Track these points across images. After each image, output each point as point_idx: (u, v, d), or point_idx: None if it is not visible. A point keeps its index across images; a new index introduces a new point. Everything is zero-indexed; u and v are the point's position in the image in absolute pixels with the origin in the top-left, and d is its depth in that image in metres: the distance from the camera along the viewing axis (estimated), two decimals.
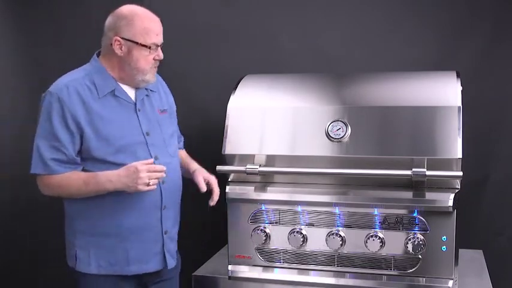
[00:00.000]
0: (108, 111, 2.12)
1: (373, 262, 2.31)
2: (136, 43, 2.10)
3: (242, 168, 2.41)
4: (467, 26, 3.08)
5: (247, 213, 2.42)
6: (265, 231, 2.40)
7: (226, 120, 2.51)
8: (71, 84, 2.10)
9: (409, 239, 2.23)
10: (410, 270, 2.27)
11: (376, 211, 2.28)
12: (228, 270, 2.48)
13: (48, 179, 2.13)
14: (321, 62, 3.22)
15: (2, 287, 3.57)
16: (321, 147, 2.38)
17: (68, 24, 3.55)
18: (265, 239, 2.40)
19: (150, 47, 2.13)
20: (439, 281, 2.24)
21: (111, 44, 2.12)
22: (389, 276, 2.30)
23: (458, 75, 2.47)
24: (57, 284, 3.65)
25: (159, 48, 2.18)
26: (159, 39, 2.17)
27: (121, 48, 2.11)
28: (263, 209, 2.41)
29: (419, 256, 2.25)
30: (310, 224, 2.36)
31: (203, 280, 2.40)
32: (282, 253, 2.41)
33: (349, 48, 3.23)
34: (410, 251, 2.23)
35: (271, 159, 2.44)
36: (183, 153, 2.53)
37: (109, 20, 2.17)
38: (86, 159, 2.12)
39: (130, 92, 2.20)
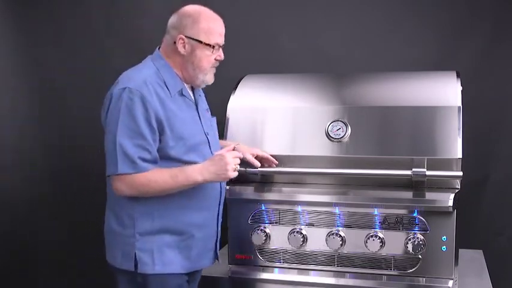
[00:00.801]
0: (179, 110, 2.10)
1: (373, 262, 2.31)
2: (200, 42, 2.09)
3: (242, 168, 2.41)
4: (467, 26, 3.08)
5: (247, 213, 2.42)
6: (265, 231, 2.40)
7: (226, 120, 2.51)
8: (148, 80, 2.05)
9: (409, 239, 2.23)
10: (410, 270, 2.27)
11: (376, 211, 2.28)
12: (228, 270, 2.48)
13: (134, 177, 2.01)
14: (321, 62, 3.23)
15: None
16: (321, 147, 2.38)
17: (68, 24, 3.55)
18: (265, 239, 2.40)
19: (213, 47, 2.12)
20: (439, 281, 2.24)
21: (175, 42, 2.10)
22: (389, 276, 2.30)
23: (458, 75, 2.47)
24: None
25: (221, 48, 2.17)
26: (222, 39, 2.16)
27: (184, 47, 2.10)
28: (263, 209, 2.41)
29: (419, 256, 2.25)
30: (310, 224, 2.36)
31: (203, 280, 2.40)
32: (282, 253, 2.41)
33: (349, 48, 3.24)
34: (410, 251, 2.23)
35: None
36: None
37: (173, 19, 2.15)
38: (160, 158, 2.07)
39: (190, 92, 2.21)
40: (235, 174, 2.07)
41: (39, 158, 3.60)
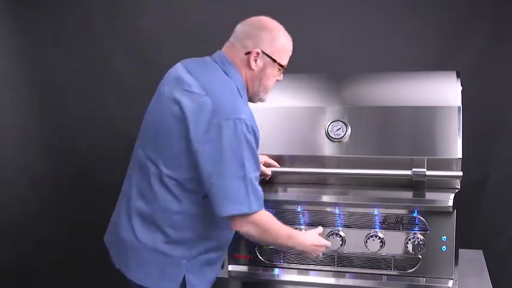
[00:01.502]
0: None
1: (373, 262, 2.31)
2: (275, 61, 2.00)
3: None
4: (467, 26, 3.08)
5: None
6: None
7: None
8: (252, 115, 1.94)
9: (409, 239, 2.23)
10: (410, 270, 2.27)
11: (376, 211, 2.28)
12: (228, 270, 2.48)
13: (265, 216, 1.95)
14: (321, 62, 3.23)
15: None
16: (321, 147, 2.38)
17: (68, 24, 3.55)
18: None
19: (283, 68, 2.06)
20: (439, 281, 2.24)
21: (247, 54, 1.98)
22: (389, 276, 2.30)
23: (458, 75, 2.47)
24: None
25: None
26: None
27: (256, 61, 1.98)
28: None
29: (419, 256, 2.25)
30: (311, 224, 2.36)
31: None
32: (282, 253, 2.41)
33: (349, 48, 3.24)
34: (410, 251, 2.23)
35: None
36: None
37: (248, 28, 2.03)
38: None
39: None
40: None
41: (39, 158, 3.61)
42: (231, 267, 2.47)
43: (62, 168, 3.61)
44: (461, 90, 2.37)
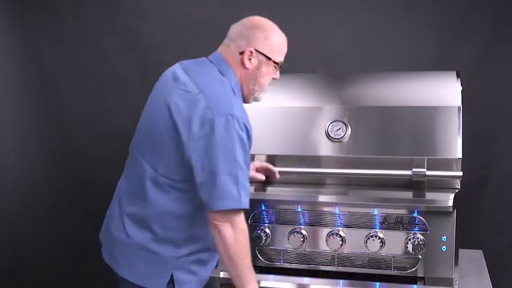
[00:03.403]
0: None
1: (373, 262, 2.31)
2: (269, 59, 2.03)
3: None
4: (467, 26, 3.08)
5: (247, 213, 2.42)
6: (265, 231, 2.40)
7: None
8: (245, 113, 1.95)
9: (409, 239, 2.23)
10: (410, 270, 2.27)
11: (376, 211, 2.28)
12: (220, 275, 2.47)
13: (245, 229, 1.94)
14: (322, 62, 3.23)
15: None
16: (321, 147, 2.38)
17: (68, 24, 3.55)
18: (265, 239, 2.40)
19: (279, 65, 2.08)
20: (439, 281, 2.24)
21: (241, 53, 2.01)
22: (389, 276, 2.30)
23: (458, 75, 2.47)
24: None
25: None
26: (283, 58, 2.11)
27: (250, 60, 2.01)
28: (263, 209, 2.41)
29: (419, 256, 2.25)
30: (310, 224, 2.36)
31: None
32: (282, 253, 2.41)
33: (350, 48, 3.24)
34: (410, 251, 2.23)
35: (271, 159, 2.44)
36: None
37: (241, 27, 2.06)
38: None
39: None
40: None
41: (38, 157, 3.61)
42: (222, 275, 2.47)
43: (61, 166, 3.61)
44: (461, 90, 2.37)
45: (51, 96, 3.60)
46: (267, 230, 2.40)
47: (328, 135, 2.38)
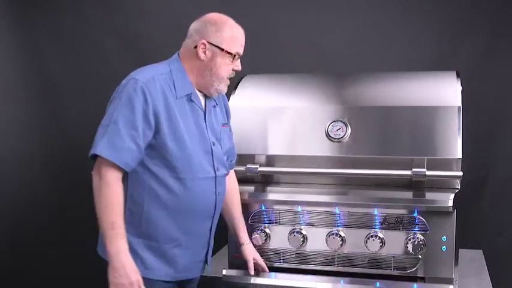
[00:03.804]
0: (183, 114, 2.08)
1: (373, 262, 2.31)
2: (222, 49, 2.10)
3: (242, 168, 2.41)
4: (467, 26, 3.09)
5: (247, 213, 2.42)
6: (265, 231, 2.40)
7: None
8: (157, 77, 2.04)
9: (409, 239, 2.23)
10: (410, 270, 2.27)
11: (376, 211, 2.28)
12: (228, 270, 2.48)
13: (114, 181, 1.96)
14: (322, 62, 3.23)
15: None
16: (321, 147, 2.38)
17: (68, 24, 3.55)
18: (265, 239, 2.40)
19: (234, 56, 2.13)
20: (439, 280, 2.24)
21: (195, 47, 2.11)
22: (389, 276, 2.30)
23: (458, 75, 2.48)
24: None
25: (239, 59, 2.18)
26: (242, 50, 2.18)
27: (205, 53, 2.10)
28: (263, 209, 2.41)
29: (419, 256, 2.25)
30: (310, 224, 2.36)
31: (203, 280, 2.40)
32: (282, 253, 2.41)
33: (349, 48, 3.24)
34: (410, 251, 2.23)
35: (271, 159, 2.44)
36: (238, 209, 2.38)
37: (196, 24, 2.16)
38: (153, 157, 2.03)
39: (202, 100, 2.19)
40: None
41: (38, 158, 3.61)
42: (230, 268, 2.47)
43: (61, 166, 3.61)
44: (461, 90, 2.37)
45: (51, 96, 3.60)
46: (267, 230, 2.40)
47: (328, 135, 2.38)
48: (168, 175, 2.03)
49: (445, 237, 2.21)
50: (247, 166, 2.41)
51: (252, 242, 2.39)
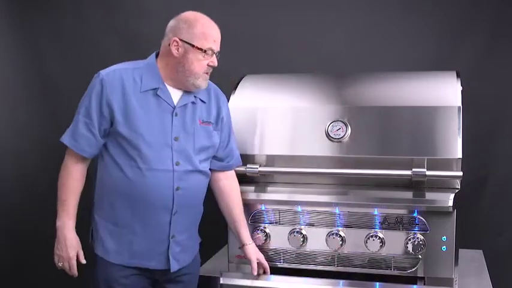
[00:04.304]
0: (143, 107, 2.16)
1: (373, 262, 2.31)
2: (193, 46, 2.16)
3: (242, 168, 2.41)
4: (467, 26, 3.08)
5: (247, 213, 2.42)
6: (265, 231, 2.40)
7: None
8: (118, 71, 2.19)
9: (409, 239, 2.23)
10: (410, 270, 2.27)
11: (376, 211, 2.28)
12: (227, 270, 2.48)
13: (73, 165, 2.25)
14: (321, 62, 3.23)
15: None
16: (321, 147, 2.38)
17: (68, 24, 3.55)
18: (265, 239, 2.40)
19: (205, 51, 2.17)
20: (439, 281, 2.24)
21: (169, 45, 2.19)
22: (389, 276, 2.30)
23: (458, 75, 2.48)
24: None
25: (215, 55, 2.21)
26: (216, 46, 2.21)
27: (177, 50, 2.17)
28: (263, 209, 2.41)
29: (419, 256, 2.25)
30: (310, 224, 2.36)
31: (202, 280, 2.40)
32: (282, 253, 2.41)
33: (349, 48, 3.24)
34: (410, 251, 2.23)
35: (271, 159, 2.44)
36: (239, 209, 2.39)
37: (171, 23, 2.24)
38: (114, 145, 2.19)
39: (176, 95, 2.22)
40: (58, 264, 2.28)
41: (38, 158, 3.60)
42: (230, 267, 2.47)
43: (61, 166, 3.60)
44: (461, 90, 2.37)
45: (51, 96, 3.60)
46: (267, 230, 2.40)
47: (328, 135, 2.38)
48: (127, 163, 2.15)
49: (445, 237, 2.21)
50: (247, 166, 2.41)
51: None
